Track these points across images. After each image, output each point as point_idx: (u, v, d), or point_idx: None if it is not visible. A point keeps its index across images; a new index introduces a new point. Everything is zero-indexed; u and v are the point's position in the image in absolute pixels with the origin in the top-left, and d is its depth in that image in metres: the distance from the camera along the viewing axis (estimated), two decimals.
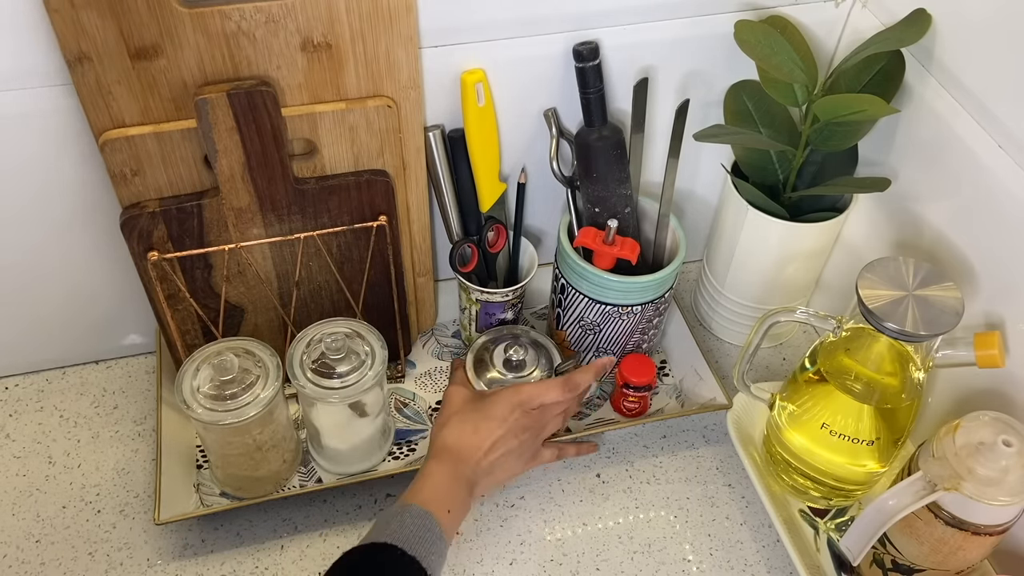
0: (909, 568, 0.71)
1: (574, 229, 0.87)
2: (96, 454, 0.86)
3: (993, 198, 0.72)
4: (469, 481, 0.72)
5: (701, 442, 0.89)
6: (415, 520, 0.66)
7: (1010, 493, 0.63)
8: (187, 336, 0.82)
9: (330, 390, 0.74)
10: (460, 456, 0.73)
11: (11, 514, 0.81)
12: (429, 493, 0.69)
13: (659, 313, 0.87)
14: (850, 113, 0.75)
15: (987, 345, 0.69)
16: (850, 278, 0.77)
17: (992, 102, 0.71)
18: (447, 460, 0.72)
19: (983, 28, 0.70)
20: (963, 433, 0.66)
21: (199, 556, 0.79)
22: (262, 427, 0.74)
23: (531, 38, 0.78)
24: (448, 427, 0.75)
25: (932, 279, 0.69)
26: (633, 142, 0.84)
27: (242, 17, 0.67)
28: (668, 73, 0.85)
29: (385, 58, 0.72)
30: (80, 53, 0.65)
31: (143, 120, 0.70)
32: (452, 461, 0.72)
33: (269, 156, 0.72)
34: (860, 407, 0.73)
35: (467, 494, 0.72)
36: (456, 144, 0.82)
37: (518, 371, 0.84)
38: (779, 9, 0.82)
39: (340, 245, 0.80)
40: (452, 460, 0.73)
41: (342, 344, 0.74)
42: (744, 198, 0.85)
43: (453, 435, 0.74)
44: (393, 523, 0.66)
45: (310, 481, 0.82)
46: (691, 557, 0.80)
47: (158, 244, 0.75)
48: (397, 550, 0.63)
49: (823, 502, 0.82)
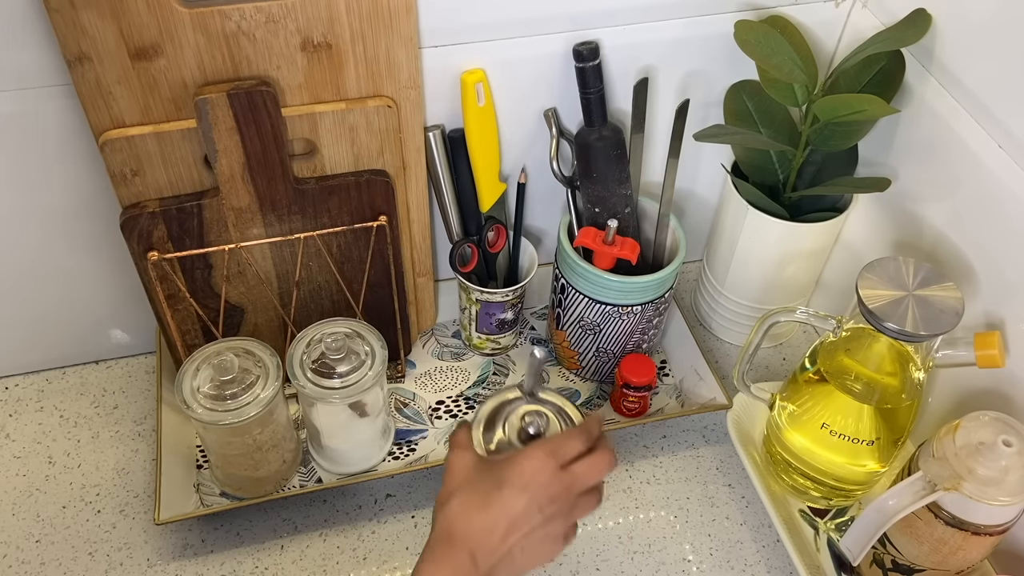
0: (909, 568, 0.71)
1: (574, 229, 0.87)
2: (96, 454, 0.86)
3: (993, 198, 0.72)
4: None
5: (701, 442, 0.89)
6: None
7: (1010, 493, 0.63)
8: (187, 336, 0.82)
9: (330, 390, 0.74)
10: (466, 545, 0.58)
11: (11, 514, 0.81)
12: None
13: (659, 313, 0.87)
14: (850, 113, 0.75)
15: (987, 345, 0.69)
16: (850, 278, 0.77)
17: (992, 102, 0.71)
18: (446, 556, 0.58)
19: (983, 28, 0.70)
20: (963, 433, 0.66)
21: (199, 556, 0.79)
22: (262, 427, 0.74)
23: (531, 38, 0.78)
24: (451, 505, 0.59)
25: (932, 279, 0.69)
26: (633, 142, 0.84)
27: (242, 17, 0.67)
28: (668, 73, 0.85)
29: (385, 58, 0.72)
30: (80, 53, 0.65)
31: (143, 120, 0.70)
32: (454, 556, 0.57)
33: (269, 156, 0.72)
34: (860, 407, 0.73)
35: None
36: (456, 144, 0.82)
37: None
38: (779, 9, 0.82)
39: (340, 245, 0.80)
40: (454, 554, 0.57)
41: (342, 344, 0.74)
42: (744, 198, 0.86)
43: (458, 516, 0.59)
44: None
45: (310, 481, 0.82)
46: (691, 557, 0.80)
47: (158, 244, 0.75)
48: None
49: (823, 502, 0.82)
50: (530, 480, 0.59)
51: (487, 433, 0.66)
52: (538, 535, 0.59)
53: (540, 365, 0.66)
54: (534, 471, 0.59)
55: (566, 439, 0.62)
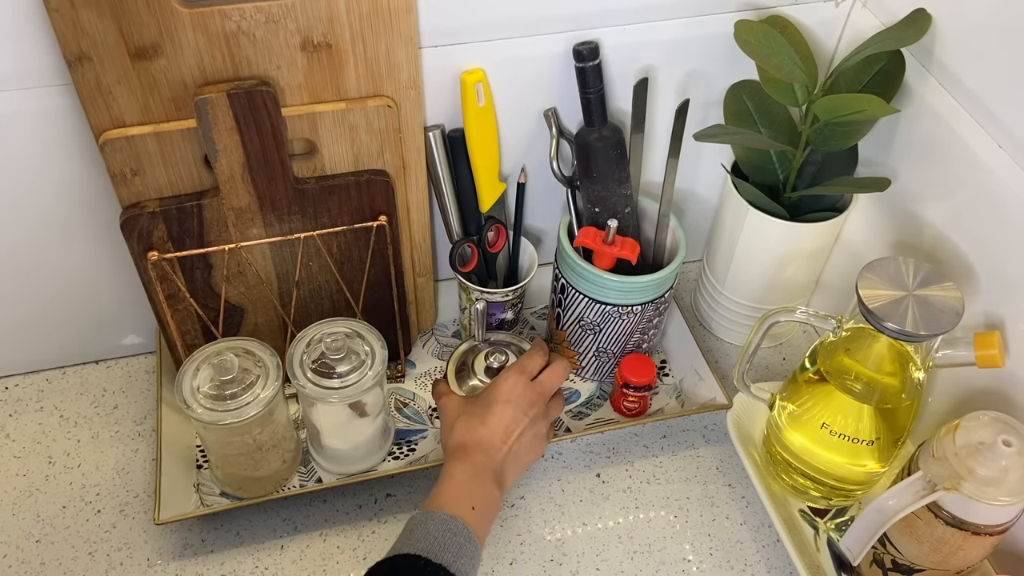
0: (909, 568, 0.71)
1: (574, 229, 0.87)
2: (96, 454, 0.86)
3: (993, 198, 0.72)
4: (494, 472, 0.71)
5: (701, 442, 0.89)
6: (439, 526, 0.64)
7: (1010, 493, 0.63)
8: (187, 336, 0.82)
9: (330, 390, 0.74)
10: (478, 449, 0.71)
11: (11, 514, 0.81)
12: (450, 495, 0.68)
13: (659, 313, 0.87)
14: (850, 113, 0.75)
15: (987, 345, 0.69)
16: (850, 278, 0.77)
17: (992, 102, 0.71)
18: (464, 458, 0.71)
19: (983, 28, 0.70)
20: (963, 433, 0.66)
21: (199, 556, 0.79)
22: (262, 427, 0.74)
23: (531, 38, 0.78)
24: (455, 429, 0.74)
25: (932, 279, 0.69)
26: (633, 142, 0.84)
27: (242, 17, 0.67)
28: (668, 73, 0.85)
29: (385, 58, 0.72)
30: (80, 53, 0.65)
31: (143, 120, 0.70)
32: (470, 457, 0.71)
33: (269, 156, 0.72)
34: (860, 407, 0.73)
35: (493, 486, 0.70)
36: (456, 144, 0.82)
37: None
38: (779, 9, 0.82)
39: (340, 245, 0.80)
40: (469, 456, 0.71)
41: (342, 344, 0.74)
42: (744, 198, 0.86)
43: (463, 433, 0.73)
44: (417, 532, 0.64)
45: (310, 481, 0.82)
46: (691, 557, 0.80)
47: (158, 244, 0.75)
48: (421, 559, 0.62)
49: (823, 502, 0.82)
50: (510, 394, 0.74)
51: (460, 384, 0.83)
52: (528, 436, 0.74)
53: (483, 315, 0.85)
54: (512, 386, 0.75)
55: (528, 358, 0.78)
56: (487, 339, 0.85)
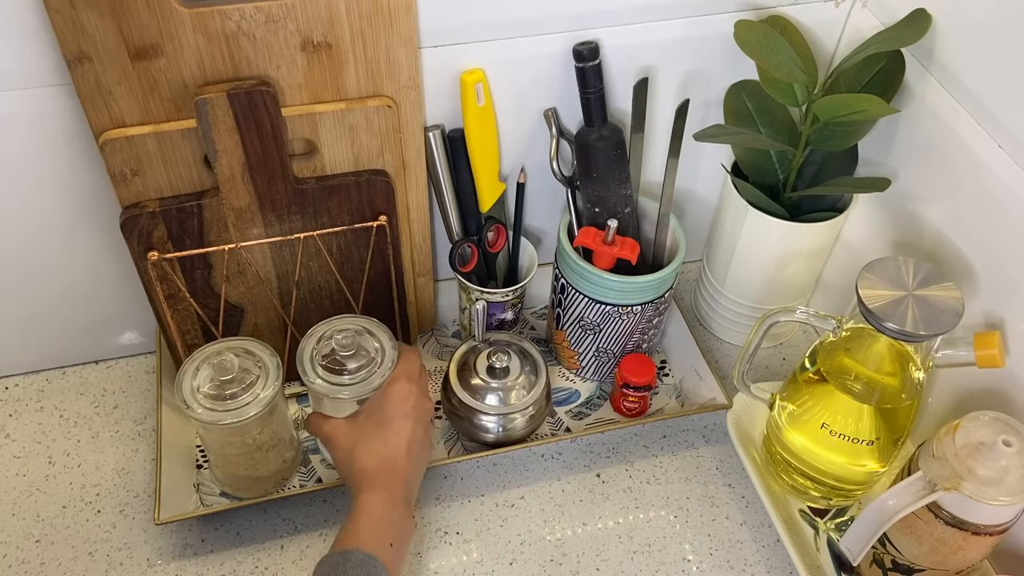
0: (909, 568, 0.71)
1: (574, 229, 0.87)
2: (96, 454, 0.86)
3: (993, 198, 0.72)
4: (404, 498, 0.69)
5: (701, 442, 0.89)
6: (357, 569, 0.62)
7: (1010, 493, 0.63)
8: (187, 336, 0.82)
9: (340, 386, 0.74)
10: (386, 473, 0.69)
11: (11, 514, 0.81)
12: (368, 531, 0.65)
13: (659, 313, 0.87)
14: (850, 113, 0.75)
15: (987, 345, 0.69)
16: (850, 278, 0.77)
17: (992, 102, 0.71)
18: (374, 486, 0.68)
19: (983, 28, 0.70)
20: (963, 433, 0.66)
21: (199, 556, 0.79)
22: (262, 427, 0.74)
23: (531, 38, 0.78)
24: (356, 455, 0.71)
25: (932, 279, 0.69)
26: (633, 142, 0.84)
27: (242, 17, 0.67)
28: (668, 73, 0.85)
29: (385, 58, 0.72)
30: (80, 53, 0.65)
31: (143, 120, 0.70)
32: (380, 484, 0.68)
33: (269, 156, 0.72)
34: (860, 407, 0.73)
35: (406, 513, 0.69)
36: (456, 144, 0.82)
37: (502, 378, 0.82)
38: (779, 9, 0.82)
39: (340, 245, 0.80)
40: (380, 483, 0.68)
41: (352, 341, 0.74)
42: (744, 198, 0.86)
43: (367, 459, 0.70)
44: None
45: (310, 481, 0.82)
46: (691, 557, 0.80)
47: (158, 244, 0.75)
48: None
49: (823, 502, 0.82)
50: (405, 406, 0.72)
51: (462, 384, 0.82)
52: (421, 442, 0.73)
53: (483, 315, 0.84)
54: (406, 396, 0.73)
55: (405, 363, 0.75)
56: (487, 339, 0.85)
